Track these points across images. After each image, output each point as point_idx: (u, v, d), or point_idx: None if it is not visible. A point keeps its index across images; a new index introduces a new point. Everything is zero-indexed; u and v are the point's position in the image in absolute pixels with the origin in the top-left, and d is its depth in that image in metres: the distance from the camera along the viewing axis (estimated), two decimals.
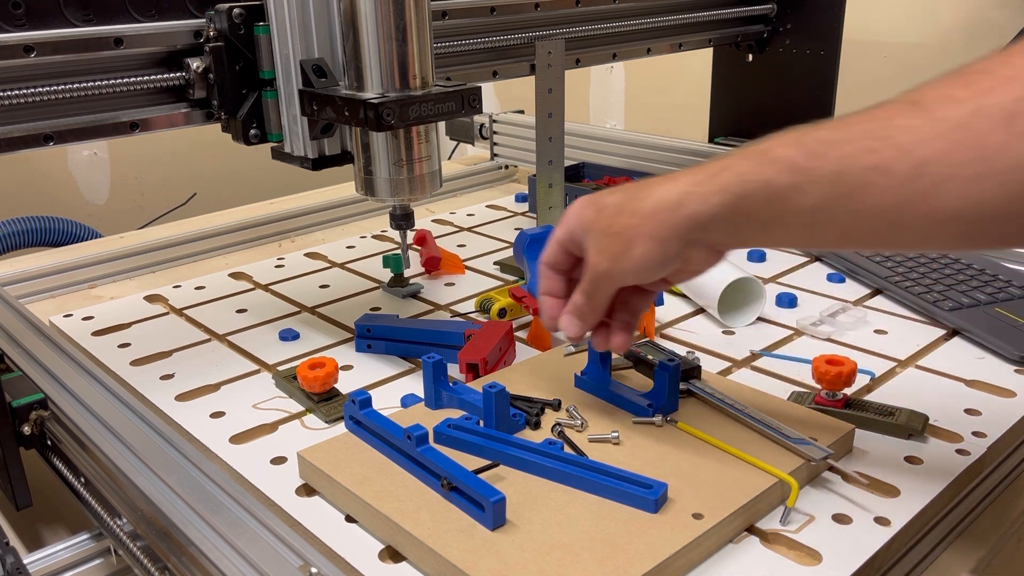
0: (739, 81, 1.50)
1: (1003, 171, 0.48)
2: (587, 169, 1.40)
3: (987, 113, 0.48)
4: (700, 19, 1.33)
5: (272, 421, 0.76)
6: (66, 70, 0.79)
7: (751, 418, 0.67)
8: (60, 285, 1.11)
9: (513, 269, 1.10)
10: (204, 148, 2.13)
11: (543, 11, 1.14)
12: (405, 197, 0.83)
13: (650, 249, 0.57)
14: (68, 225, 1.76)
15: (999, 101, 0.48)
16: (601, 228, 0.59)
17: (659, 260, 0.57)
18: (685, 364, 0.73)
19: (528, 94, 1.06)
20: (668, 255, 0.57)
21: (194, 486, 0.59)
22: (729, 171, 0.55)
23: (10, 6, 0.75)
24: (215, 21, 0.81)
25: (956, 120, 0.49)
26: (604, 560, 0.54)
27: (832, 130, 0.53)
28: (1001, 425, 0.71)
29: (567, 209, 0.62)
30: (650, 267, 0.58)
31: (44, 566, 0.61)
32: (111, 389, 0.72)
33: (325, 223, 1.33)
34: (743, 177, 0.54)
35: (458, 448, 0.66)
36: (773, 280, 1.05)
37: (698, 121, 1.58)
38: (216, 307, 1.02)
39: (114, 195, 2.13)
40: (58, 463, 0.69)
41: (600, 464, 0.61)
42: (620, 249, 0.58)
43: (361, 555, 0.59)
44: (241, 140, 0.84)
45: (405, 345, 0.87)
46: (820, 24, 1.38)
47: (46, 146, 0.80)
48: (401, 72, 0.77)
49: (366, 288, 1.07)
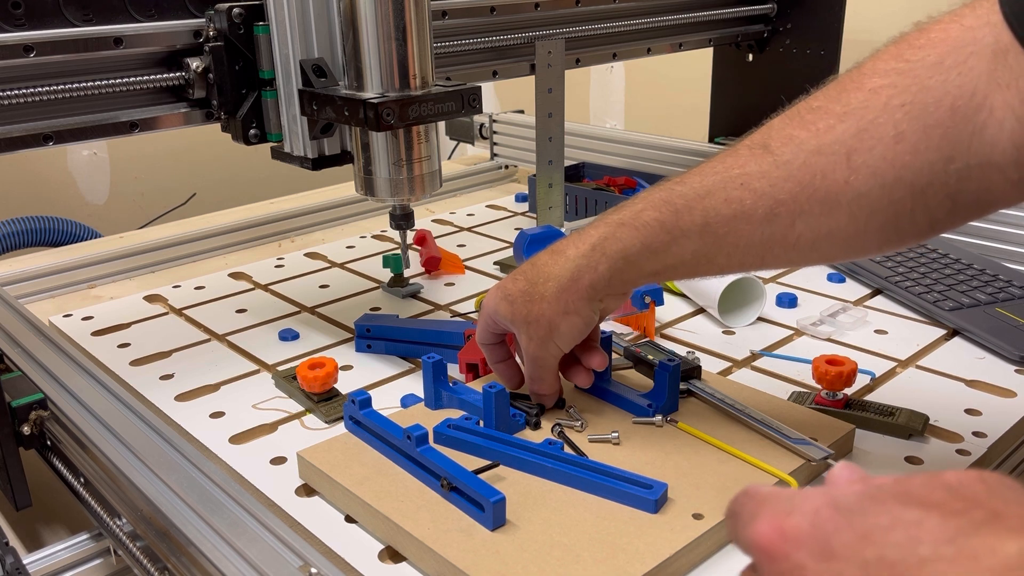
0: (739, 81, 1.50)
1: (849, 202, 0.53)
2: (587, 169, 1.40)
3: (828, 151, 0.53)
4: (700, 19, 1.33)
5: (272, 421, 0.76)
6: (66, 70, 0.79)
7: (751, 418, 0.67)
8: (60, 285, 1.11)
9: (513, 269, 1.10)
10: (204, 148, 2.13)
11: (543, 11, 1.14)
12: (405, 197, 0.83)
13: (570, 322, 0.64)
14: (68, 225, 1.76)
15: (838, 138, 0.53)
16: (521, 319, 0.66)
17: (581, 325, 0.65)
18: (685, 364, 0.73)
19: (528, 94, 1.06)
20: (585, 318, 0.65)
21: (194, 486, 0.59)
22: (609, 240, 0.61)
23: (10, 6, 0.75)
24: (215, 21, 0.81)
25: (801, 161, 0.54)
26: (604, 560, 0.54)
27: (694, 184, 0.59)
28: (1001, 425, 0.71)
29: (483, 302, 0.70)
30: (575, 334, 0.66)
31: (44, 566, 0.61)
32: (111, 389, 0.72)
33: (325, 223, 1.33)
34: (623, 244, 0.61)
35: (458, 448, 0.66)
36: (773, 280, 1.05)
37: (698, 121, 1.58)
38: (216, 307, 1.02)
39: (114, 195, 2.13)
40: (58, 463, 0.69)
41: (600, 464, 0.61)
42: (545, 332, 0.65)
43: (361, 555, 0.58)
44: (241, 140, 0.84)
45: (405, 345, 0.86)
46: (820, 24, 1.37)
47: (46, 146, 0.79)
48: (401, 72, 0.77)
49: (366, 288, 1.07)
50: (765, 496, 0.34)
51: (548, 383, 0.69)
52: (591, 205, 1.25)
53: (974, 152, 0.50)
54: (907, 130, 0.51)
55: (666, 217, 0.59)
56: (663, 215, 0.59)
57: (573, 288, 0.63)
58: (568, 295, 0.63)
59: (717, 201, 0.57)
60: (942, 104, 0.50)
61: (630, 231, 0.60)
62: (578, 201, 1.26)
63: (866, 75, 0.54)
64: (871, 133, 0.52)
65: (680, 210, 0.58)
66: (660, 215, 0.59)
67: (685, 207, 0.58)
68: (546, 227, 1.01)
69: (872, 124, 0.52)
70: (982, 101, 0.49)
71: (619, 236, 0.61)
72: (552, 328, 0.65)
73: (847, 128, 0.53)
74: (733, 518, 0.35)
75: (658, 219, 0.59)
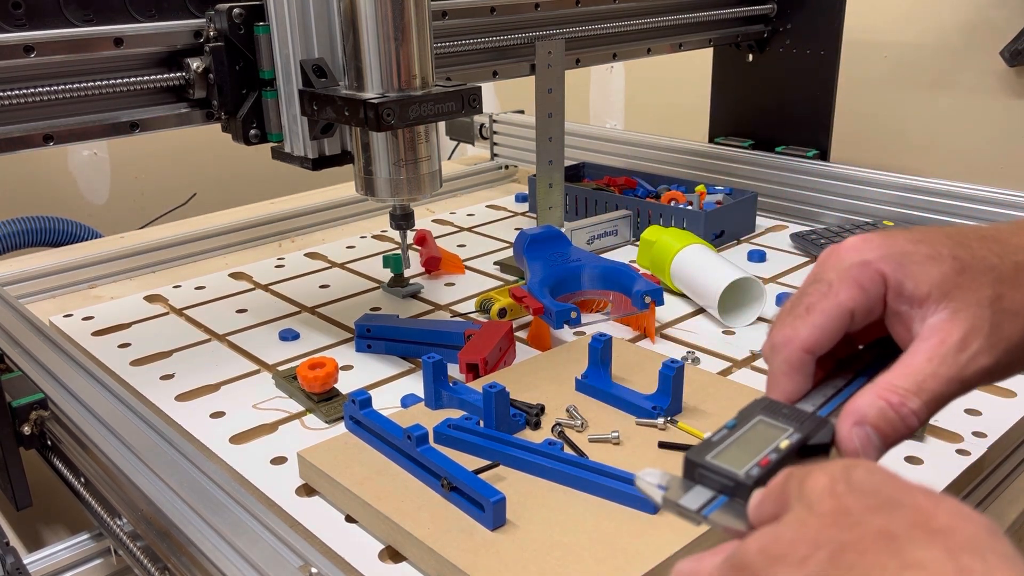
0: (739, 81, 1.50)
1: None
2: (587, 169, 1.40)
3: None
4: (700, 19, 1.33)
5: (272, 421, 0.76)
6: (66, 70, 0.79)
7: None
8: (60, 285, 1.11)
9: (513, 269, 1.10)
10: (204, 148, 2.13)
11: (543, 11, 1.14)
12: (405, 197, 0.83)
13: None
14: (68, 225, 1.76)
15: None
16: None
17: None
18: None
19: (528, 94, 1.06)
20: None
21: (194, 486, 0.59)
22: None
23: (10, 6, 0.75)
24: (215, 21, 0.81)
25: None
26: (604, 560, 0.54)
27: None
28: (1001, 425, 0.71)
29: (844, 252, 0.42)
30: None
31: (44, 566, 0.61)
32: (111, 389, 0.72)
33: (325, 223, 1.33)
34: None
35: (458, 448, 0.66)
36: (773, 280, 1.05)
37: (698, 121, 1.58)
38: (216, 307, 1.02)
39: (114, 195, 2.13)
40: (58, 463, 0.69)
41: (600, 464, 0.61)
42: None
43: (361, 555, 0.59)
44: (241, 140, 0.84)
45: (405, 345, 0.86)
46: (820, 24, 1.37)
47: (46, 146, 0.79)
48: (401, 72, 0.77)
49: (366, 288, 1.07)
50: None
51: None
52: (591, 205, 1.25)
53: None
54: None
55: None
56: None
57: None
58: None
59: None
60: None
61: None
62: (578, 201, 1.26)
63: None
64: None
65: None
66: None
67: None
68: (546, 227, 1.01)
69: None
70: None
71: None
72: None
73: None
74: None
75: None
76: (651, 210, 1.18)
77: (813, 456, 0.39)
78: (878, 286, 0.41)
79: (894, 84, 1.70)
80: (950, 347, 0.39)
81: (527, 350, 0.87)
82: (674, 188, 1.27)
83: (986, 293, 0.40)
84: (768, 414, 0.40)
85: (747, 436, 0.39)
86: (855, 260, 0.41)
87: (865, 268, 0.41)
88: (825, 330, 0.41)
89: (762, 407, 0.41)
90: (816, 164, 1.31)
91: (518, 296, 0.88)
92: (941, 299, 0.40)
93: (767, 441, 0.38)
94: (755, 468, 0.37)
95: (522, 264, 0.99)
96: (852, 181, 1.23)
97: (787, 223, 1.26)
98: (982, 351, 0.39)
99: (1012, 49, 1.52)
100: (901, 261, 0.40)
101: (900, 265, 0.40)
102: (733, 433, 0.39)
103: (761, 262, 1.11)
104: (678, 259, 0.98)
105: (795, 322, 0.41)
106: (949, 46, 1.62)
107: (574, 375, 0.75)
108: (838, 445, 0.39)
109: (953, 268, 0.40)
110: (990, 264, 0.40)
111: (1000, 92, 1.58)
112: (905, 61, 1.67)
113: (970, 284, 0.40)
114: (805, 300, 0.42)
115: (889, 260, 0.41)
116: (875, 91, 1.72)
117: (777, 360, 0.42)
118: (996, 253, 0.41)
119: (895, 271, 0.40)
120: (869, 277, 0.41)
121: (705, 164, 1.38)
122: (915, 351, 0.40)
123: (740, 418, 0.40)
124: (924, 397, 0.39)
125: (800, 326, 0.41)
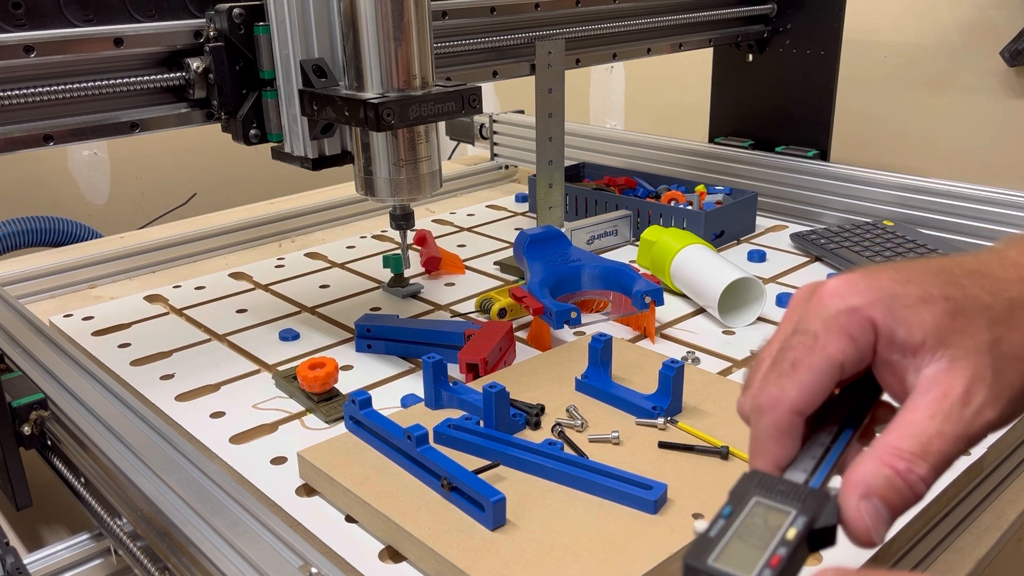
0: (739, 81, 1.50)
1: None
2: (587, 169, 1.40)
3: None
4: (700, 19, 1.33)
5: (272, 421, 0.76)
6: (66, 70, 0.79)
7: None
8: (60, 285, 1.11)
9: (513, 269, 1.10)
10: (204, 148, 2.13)
11: (543, 11, 1.14)
12: (405, 197, 0.83)
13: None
14: (68, 225, 1.76)
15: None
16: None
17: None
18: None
19: (528, 94, 1.06)
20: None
21: (194, 486, 0.59)
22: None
23: (10, 6, 0.75)
24: (215, 21, 0.81)
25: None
26: (604, 560, 0.54)
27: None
28: None
29: (826, 296, 0.39)
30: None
31: (44, 566, 0.61)
32: (111, 389, 0.72)
33: (325, 223, 1.33)
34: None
35: (458, 448, 0.66)
36: (773, 280, 1.05)
37: (698, 121, 1.58)
38: (216, 307, 1.02)
39: (114, 195, 2.13)
40: (58, 463, 0.69)
41: (600, 464, 0.61)
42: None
43: (361, 555, 0.59)
44: (241, 140, 0.84)
45: (405, 345, 0.86)
46: (820, 24, 1.37)
47: (46, 146, 0.79)
48: (401, 72, 0.77)
49: (366, 288, 1.07)
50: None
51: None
52: (591, 205, 1.25)
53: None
54: None
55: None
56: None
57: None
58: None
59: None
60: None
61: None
62: (578, 201, 1.26)
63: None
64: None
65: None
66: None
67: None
68: (546, 227, 1.01)
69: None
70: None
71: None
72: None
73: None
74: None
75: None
76: (651, 210, 1.18)
77: (821, 541, 0.35)
78: (868, 335, 0.37)
79: (894, 84, 1.70)
80: (954, 401, 0.35)
81: (527, 350, 0.87)
82: (674, 188, 1.27)
83: (984, 337, 0.36)
84: (763, 493, 0.36)
85: (747, 525, 0.35)
86: (840, 307, 0.37)
87: (853, 315, 0.37)
88: (815, 388, 0.37)
89: (755, 484, 0.37)
90: (816, 164, 1.31)
91: (518, 296, 0.88)
92: (937, 347, 0.36)
93: (771, 531, 0.35)
94: (767, 570, 0.33)
95: (522, 264, 0.99)
96: (852, 181, 1.23)
97: (787, 223, 1.26)
98: (987, 404, 0.36)
99: (1012, 49, 1.52)
100: (891, 306, 0.37)
101: (890, 310, 0.37)
102: (731, 523, 0.35)
103: (761, 262, 1.11)
104: (678, 259, 0.98)
105: (781, 380, 0.38)
106: (949, 46, 1.62)
107: (574, 375, 0.75)
108: (846, 523, 0.35)
109: (946, 311, 0.37)
110: (984, 304, 0.37)
111: (1000, 92, 1.58)
112: (905, 61, 1.67)
113: (966, 328, 0.37)
114: (789, 355, 0.38)
115: (878, 305, 0.37)
116: (875, 91, 1.72)
117: (764, 424, 0.38)
118: (988, 290, 0.38)
119: (886, 317, 0.37)
120: (858, 325, 0.37)
121: (705, 164, 1.38)
122: (915, 406, 0.36)
123: (734, 501, 0.36)
124: (931, 460, 0.35)
125: (787, 385, 0.37)
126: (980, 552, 0.64)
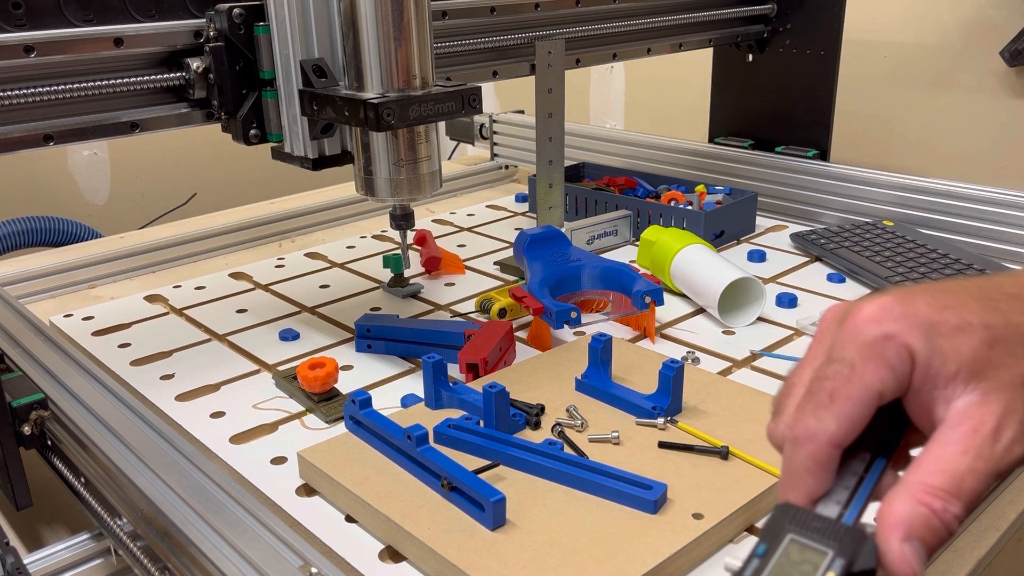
0: (739, 81, 1.50)
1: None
2: (587, 169, 1.40)
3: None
4: (700, 19, 1.33)
5: (272, 421, 0.76)
6: (66, 70, 0.79)
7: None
8: (60, 285, 1.11)
9: (513, 269, 1.10)
10: (204, 148, 2.13)
11: (543, 11, 1.14)
12: (405, 197, 0.83)
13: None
14: (68, 225, 1.76)
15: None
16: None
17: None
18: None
19: (528, 94, 1.06)
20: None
21: (194, 486, 0.59)
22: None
23: (10, 6, 0.75)
24: (215, 21, 0.81)
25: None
26: (604, 560, 0.54)
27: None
28: None
29: (861, 324, 0.37)
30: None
31: (44, 566, 0.61)
32: (111, 389, 0.72)
33: (325, 223, 1.33)
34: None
35: (458, 448, 0.66)
36: (773, 280, 1.05)
37: (698, 121, 1.58)
38: (216, 307, 1.02)
39: (114, 195, 2.13)
40: (58, 463, 0.69)
41: (600, 464, 0.61)
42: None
43: (361, 555, 0.59)
44: (241, 140, 0.84)
45: (405, 345, 0.87)
46: (820, 24, 1.37)
47: (46, 146, 0.79)
48: (401, 72, 0.77)
49: (366, 288, 1.07)
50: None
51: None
52: (591, 205, 1.25)
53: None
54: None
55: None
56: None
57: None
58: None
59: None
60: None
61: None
62: (578, 201, 1.27)
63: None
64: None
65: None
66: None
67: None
68: (546, 227, 1.01)
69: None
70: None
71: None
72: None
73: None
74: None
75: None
76: (651, 210, 1.18)
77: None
78: (906, 363, 0.36)
79: (894, 84, 1.70)
80: (985, 437, 0.34)
81: (527, 350, 0.87)
82: (674, 188, 1.27)
83: (1019, 370, 0.35)
84: (798, 530, 0.35)
85: (783, 566, 0.34)
86: (876, 333, 0.36)
87: (890, 343, 0.36)
88: (854, 420, 0.36)
89: (788, 519, 0.35)
90: (816, 164, 1.31)
91: (518, 296, 0.88)
92: (971, 379, 0.35)
93: (807, 574, 0.33)
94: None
95: (522, 264, 0.99)
96: (852, 181, 1.23)
97: (787, 223, 1.26)
98: (1017, 439, 0.35)
99: (1012, 49, 1.52)
100: (928, 334, 0.36)
101: (928, 339, 0.36)
102: (766, 564, 0.34)
103: (761, 262, 1.11)
104: (678, 259, 0.98)
105: (819, 412, 0.36)
106: (949, 46, 1.62)
107: (574, 375, 0.75)
108: (889, 566, 0.34)
109: (984, 340, 0.36)
110: (1023, 332, 0.36)
111: (1000, 92, 1.58)
112: (905, 61, 1.67)
113: (1003, 360, 0.35)
114: (826, 384, 0.36)
115: (916, 333, 0.36)
116: (875, 91, 1.72)
117: (801, 456, 0.36)
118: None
119: (924, 347, 0.35)
120: (896, 354, 0.36)
121: (705, 164, 1.38)
122: (945, 440, 0.35)
123: (768, 539, 0.35)
124: (964, 498, 0.34)
125: (826, 417, 0.36)
126: (980, 552, 0.64)
